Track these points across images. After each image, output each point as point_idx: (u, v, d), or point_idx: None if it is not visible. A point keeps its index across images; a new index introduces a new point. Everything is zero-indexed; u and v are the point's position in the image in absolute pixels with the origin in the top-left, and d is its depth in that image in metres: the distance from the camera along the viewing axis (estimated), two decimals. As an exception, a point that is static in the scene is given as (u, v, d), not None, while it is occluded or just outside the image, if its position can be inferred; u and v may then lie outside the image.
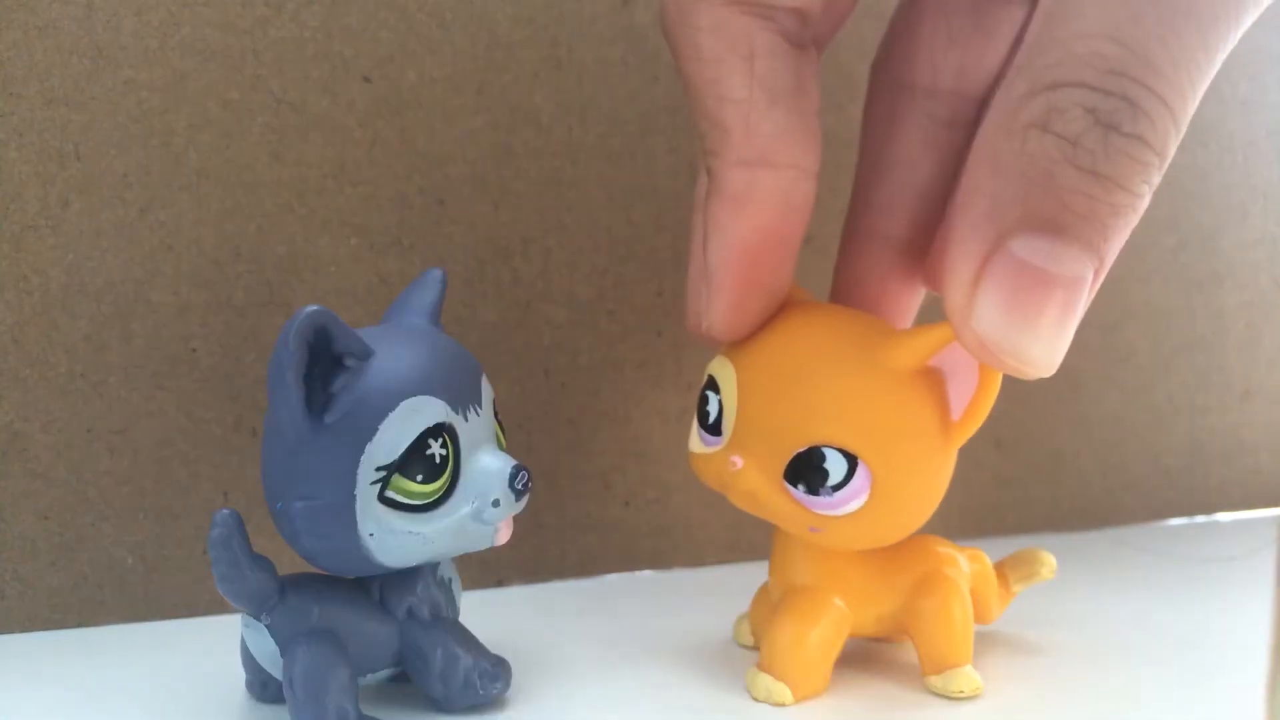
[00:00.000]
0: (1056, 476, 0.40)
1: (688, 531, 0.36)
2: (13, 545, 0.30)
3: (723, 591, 0.32)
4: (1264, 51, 0.41)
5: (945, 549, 0.26)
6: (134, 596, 0.31)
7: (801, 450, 0.23)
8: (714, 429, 0.25)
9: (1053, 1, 0.20)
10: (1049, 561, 0.28)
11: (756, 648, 0.28)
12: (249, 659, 0.25)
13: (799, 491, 0.23)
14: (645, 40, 0.34)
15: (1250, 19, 0.20)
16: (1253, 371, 0.42)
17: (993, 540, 0.38)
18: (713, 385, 0.25)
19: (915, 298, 0.28)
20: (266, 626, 0.23)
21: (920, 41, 0.26)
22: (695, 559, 0.36)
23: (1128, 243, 0.21)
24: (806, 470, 0.23)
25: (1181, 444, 0.41)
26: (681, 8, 0.23)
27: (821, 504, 0.23)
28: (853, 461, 0.23)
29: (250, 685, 0.26)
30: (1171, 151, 0.19)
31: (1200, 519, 0.42)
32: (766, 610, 0.27)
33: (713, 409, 0.24)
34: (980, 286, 0.20)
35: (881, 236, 0.27)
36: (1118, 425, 0.40)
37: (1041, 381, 0.24)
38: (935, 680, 0.25)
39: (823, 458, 0.23)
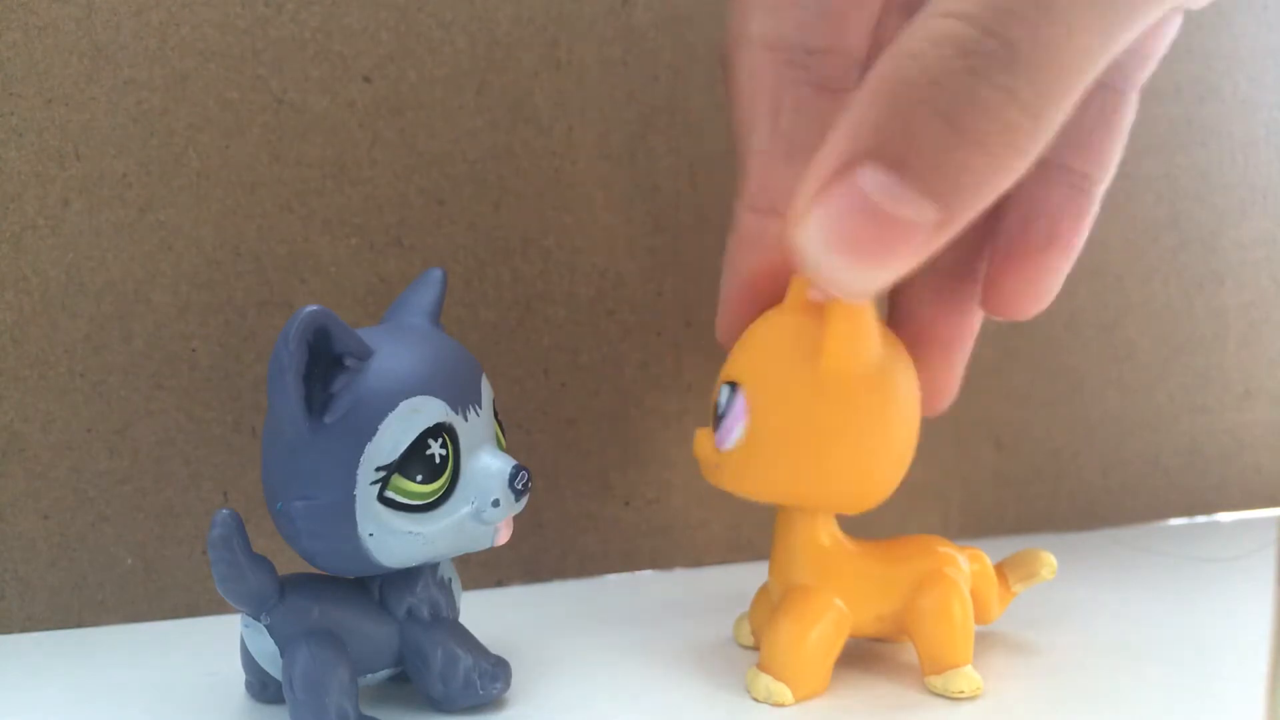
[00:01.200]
0: (1056, 476, 0.40)
1: (688, 531, 0.36)
2: (13, 545, 0.30)
3: (723, 591, 0.32)
4: (1264, 50, 0.41)
5: (945, 549, 0.26)
6: (134, 596, 0.31)
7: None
8: (718, 419, 0.26)
9: None
10: (1049, 561, 0.28)
11: (756, 648, 0.28)
12: (249, 659, 0.25)
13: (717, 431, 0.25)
14: (645, 40, 0.34)
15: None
16: (1253, 371, 0.42)
17: (993, 540, 0.38)
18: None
19: (970, 327, 0.28)
20: (266, 626, 0.23)
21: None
22: (695, 559, 0.36)
23: (1128, 243, 0.20)
24: (714, 412, 0.25)
25: (1181, 444, 0.41)
26: (730, 49, 0.25)
27: (720, 439, 0.24)
28: (734, 389, 0.24)
29: (250, 685, 0.26)
30: (1051, 115, 0.17)
31: (1200, 519, 0.42)
32: (766, 610, 0.27)
33: (723, 400, 0.26)
34: (816, 202, 0.18)
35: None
36: (1118, 425, 0.40)
37: (1041, 381, 0.24)
38: (935, 680, 0.25)
39: (721, 393, 0.25)
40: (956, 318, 0.27)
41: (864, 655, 0.28)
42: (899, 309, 0.28)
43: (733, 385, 0.24)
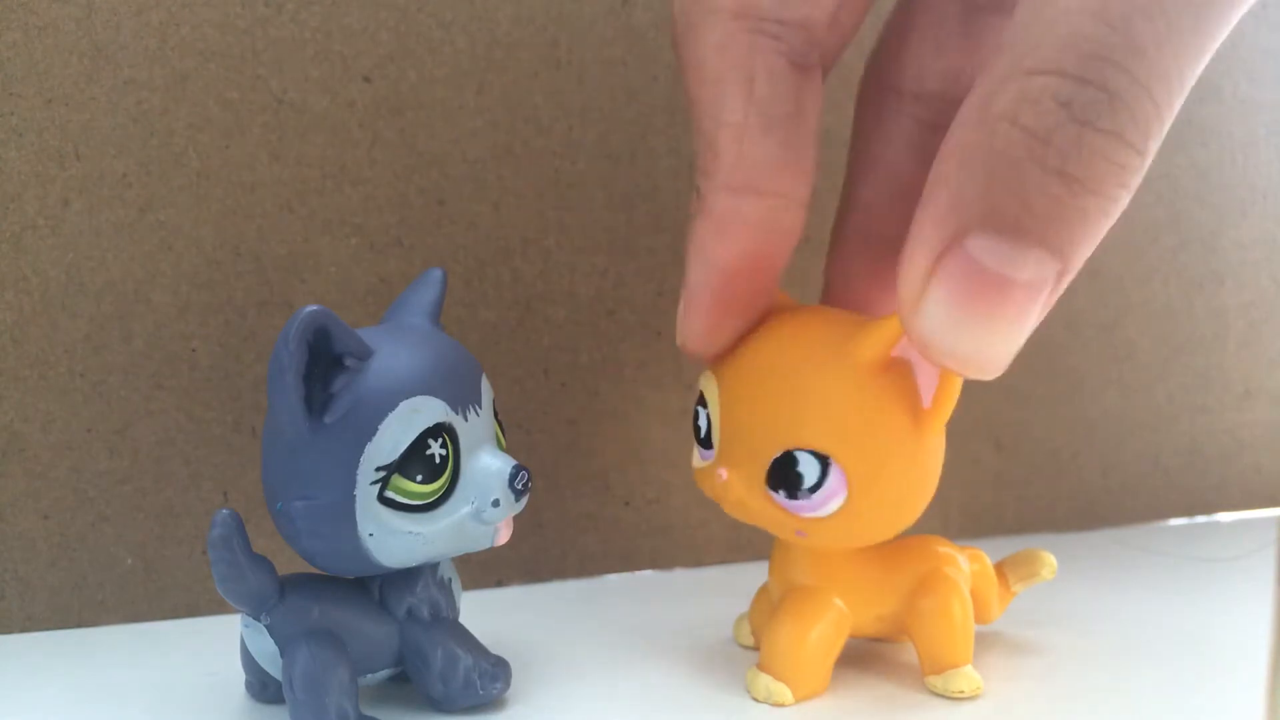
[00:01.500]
0: (1056, 476, 0.40)
1: (688, 531, 0.36)
2: (13, 545, 0.30)
3: (723, 591, 0.32)
4: (1263, 50, 0.41)
5: (945, 549, 0.26)
6: (134, 596, 0.31)
7: (777, 456, 0.23)
8: (706, 443, 0.25)
9: None
10: (1049, 561, 0.28)
11: (756, 648, 0.28)
12: (249, 659, 0.25)
13: (780, 497, 0.23)
14: (645, 40, 0.34)
15: (1243, 7, 0.18)
16: (1253, 371, 0.42)
17: (993, 540, 0.38)
18: (701, 400, 0.25)
19: None
20: (266, 626, 0.23)
21: (909, 45, 0.26)
22: (695, 559, 0.36)
23: (1128, 243, 0.20)
24: (783, 476, 0.23)
25: (1181, 444, 0.41)
26: (690, 22, 0.23)
27: (803, 507, 0.23)
28: (825, 462, 0.23)
29: (250, 685, 0.26)
30: (1154, 147, 0.18)
31: (1200, 519, 0.42)
32: (767, 610, 0.27)
33: (702, 423, 0.25)
34: (931, 283, 0.18)
35: (866, 236, 0.27)
36: (1118, 425, 0.40)
37: (1041, 381, 0.24)
38: (935, 680, 0.25)
39: (796, 461, 0.23)
40: (891, 292, 0.27)
41: (864, 655, 0.28)
42: (833, 289, 0.28)
43: (822, 459, 0.23)
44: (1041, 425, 0.39)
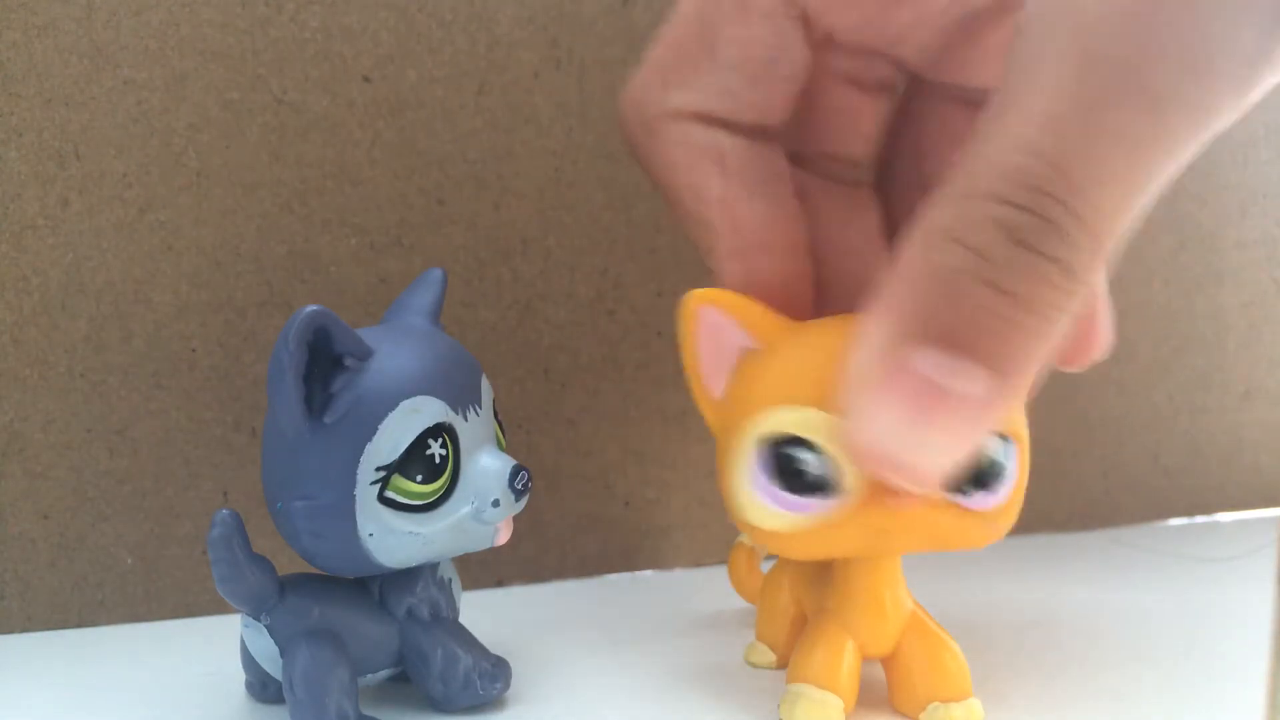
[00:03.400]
0: (1056, 476, 0.40)
1: (688, 531, 0.36)
2: (13, 545, 0.30)
3: (722, 591, 0.32)
4: (1264, 51, 0.41)
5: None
6: (134, 596, 0.31)
7: None
8: (813, 488, 0.21)
9: (988, 116, 0.19)
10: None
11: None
12: (249, 659, 0.25)
13: (968, 497, 0.22)
14: (645, 40, 0.34)
15: (1185, 152, 0.18)
16: (1253, 371, 0.42)
17: (993, 540, 0.38)
18: (797, 443, 0.21)
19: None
20: (266, 626, 0.23)
21: None
22: (695, 559, 0.36)
23: (1128, 243, 0.20)
24: (979, 471, 0.22)
25: (1181, 444, 0.41)
26: (647, 126, 0.24)
27: (989, 499, 0.22)
28: (1007, 441, 0.22)
29: (250, 685, 0.26)
30: (1090, 274, 0.18)
31: (1200, 519, 0.42)
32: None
33: (811, 468, 0.21)
34: (871, 392, 0.19)
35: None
36: (1118, 425, 0.40)
37: (1041, 381, 0.24)
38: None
39: (986, 449, 0.22)
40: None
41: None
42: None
43: (1005, 439, 0.22)
44: (1041, 425, 0.39)
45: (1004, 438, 0.22)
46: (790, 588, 0.27)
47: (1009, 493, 0.22)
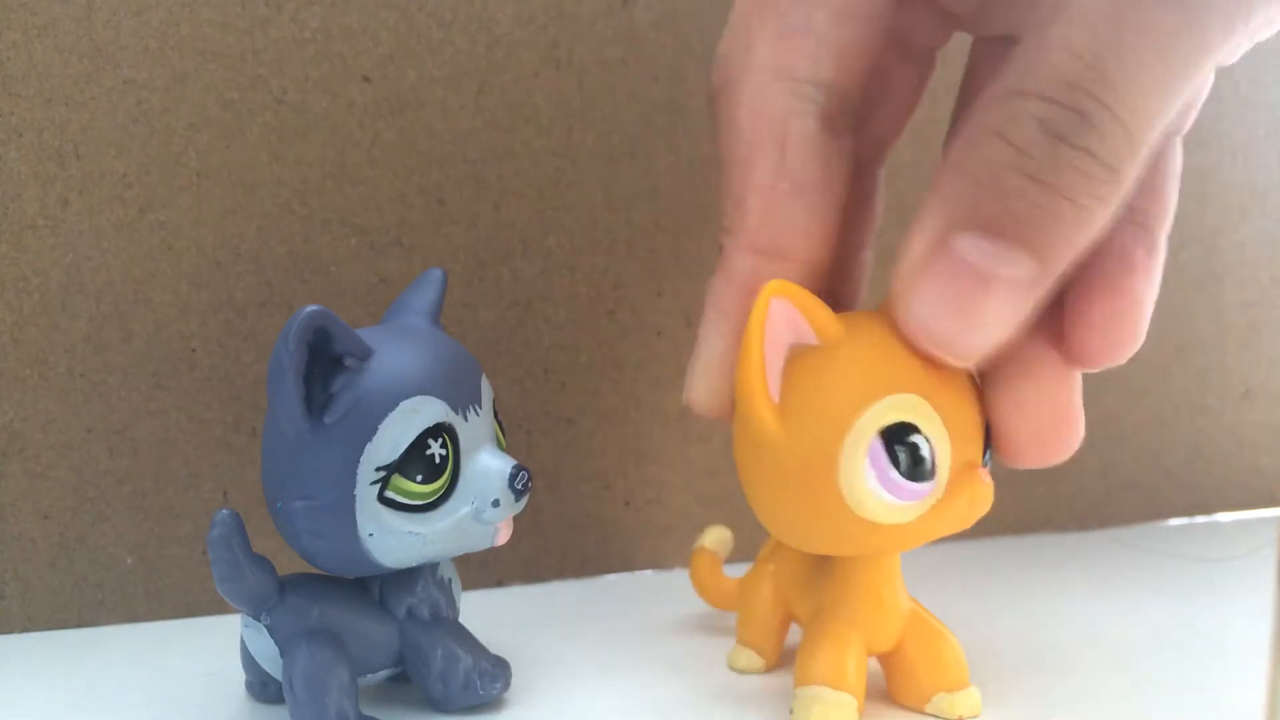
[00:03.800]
0: (1056, 476, 0.40)
1: (688, 531, 0.36)
2: (13, 545, 0.30)
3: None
4: (1264, 50, 0.41)
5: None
6: (134, 596, 0.31)
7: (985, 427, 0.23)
8: (929, 475, 0.22)
9: (1035, 22, 0.20)
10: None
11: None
12: (249, 659, 0.25)
13: (987, 463, 0.23)
14: (645, 40, 0.34)
15: (1215, 52, 0.19)
16: (1253, 371, 0.42)
17: (993, 540, 0.38)
18: (911, 429, 0.21)
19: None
20: (266, 626, 0.23)
21: None
22: (695, 559, 0.36)
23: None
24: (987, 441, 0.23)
25: (1181, 444, 0.41)
26: (728, 77, 0.24)
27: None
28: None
29: (250, 685, 0.26)
30: (1125, 167, 0.19)
31: (1200, 519, 0.42)
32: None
33: (926, 452, 0.21)
34: (920, 276, 0.20)
35: None
36: (1118, 425, 0.40)
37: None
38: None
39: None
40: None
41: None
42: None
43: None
44: (1041, 425, 0.39)
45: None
46: (775, 589, 0.27)
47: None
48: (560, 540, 0.35)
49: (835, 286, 0.26)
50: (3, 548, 0.30)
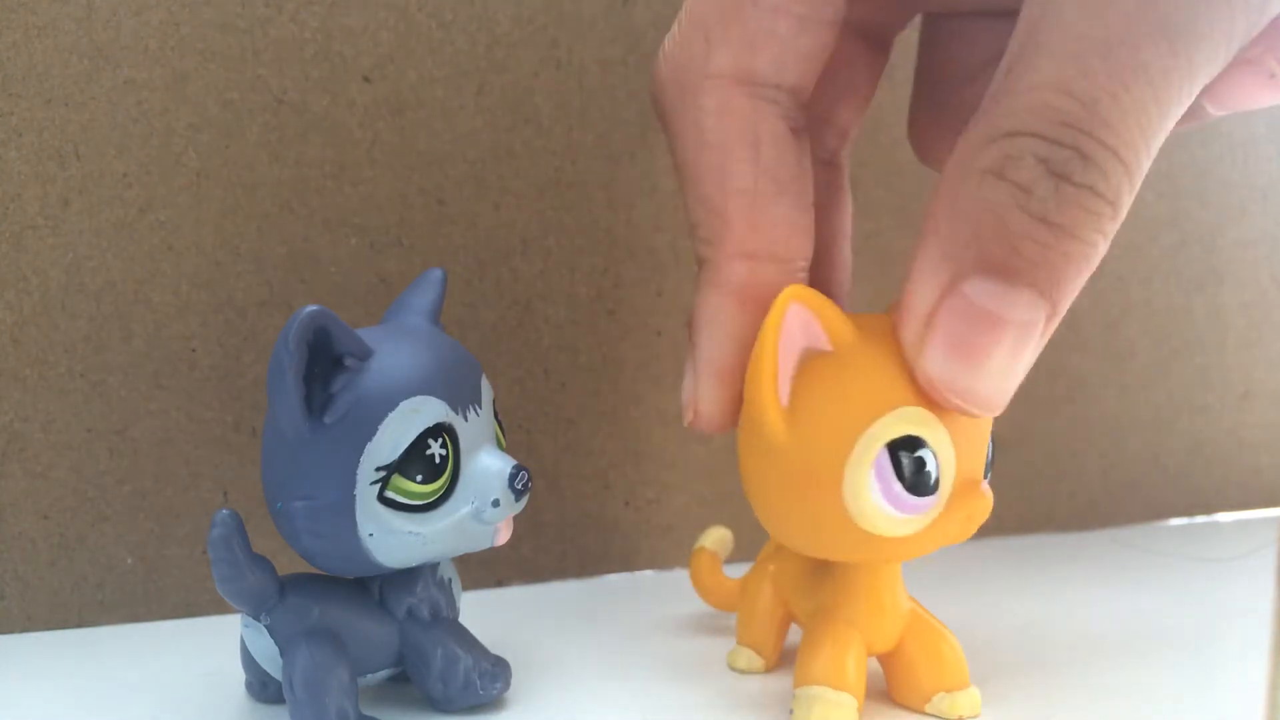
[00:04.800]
0: (1056, 476, 0.40)
1: (688, 531, 0.36)
2: (13, 545, 0.30)
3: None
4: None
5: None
6: (134, 596, 0.31)
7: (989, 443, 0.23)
8: (933, 489, 0.22)
9: (1014, 51, 0.20)
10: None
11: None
12: (249, 659, 0.25)
13: (986, 480, 0.23)
14: (645, 40, 0.34)
15: (1203, 78, 0.19)
16: (1253, 371, 0.42)
17: (993, 540, 0.38)
18: (918, 443, 0.21)
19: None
20: (266, 626, 0.23)
21: None
22: (695, 559, 0.36)
23: (1128, 243, 0.21)
24: (990, 460, 0.23)
25: (1181, 444, 0.41)
26: (683, 85, 0.23)
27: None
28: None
29: (250, 685, 0.26)
30: (1125, 201, 0.19)
31: (1200, 519, 0.42)
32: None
33: (931, 468, 0.21)
34: (932, 326, 0.20)
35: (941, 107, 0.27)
36: (1118, 425, 0.40)
37: (1041, 381, 0.24)
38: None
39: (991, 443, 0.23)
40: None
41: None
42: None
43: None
44: (1041, 425, 0.39)
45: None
46: (775, 589, 0.27)
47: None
48: (560, 540, 0.35)
49: (823, 281, 0.26)
50: (3, 548, 0.30)
